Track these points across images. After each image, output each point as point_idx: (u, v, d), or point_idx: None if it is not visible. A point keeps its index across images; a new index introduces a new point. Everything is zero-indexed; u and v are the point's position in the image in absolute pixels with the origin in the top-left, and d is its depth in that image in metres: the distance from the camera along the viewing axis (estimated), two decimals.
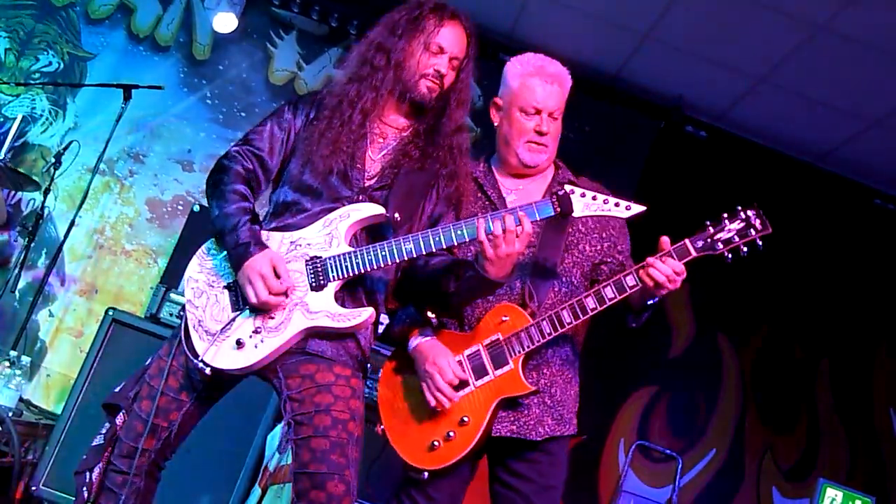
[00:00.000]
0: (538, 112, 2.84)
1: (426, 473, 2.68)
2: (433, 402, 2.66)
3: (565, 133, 6.00)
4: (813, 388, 6.14)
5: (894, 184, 6.20)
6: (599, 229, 2.92)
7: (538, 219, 2.50)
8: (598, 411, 5.94)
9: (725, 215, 2.62)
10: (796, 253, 6.11)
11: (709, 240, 2.60)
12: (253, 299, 2.43)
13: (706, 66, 5.65)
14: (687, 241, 2.62)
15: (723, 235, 2.59)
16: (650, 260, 2.59)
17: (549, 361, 2.81)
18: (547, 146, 2.88)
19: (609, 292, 2.65)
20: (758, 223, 2.60)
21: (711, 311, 6.14)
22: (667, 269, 2.59)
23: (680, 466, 5.85)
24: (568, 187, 2.49)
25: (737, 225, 2.60)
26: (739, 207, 2.62)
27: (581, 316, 2.66)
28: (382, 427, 2.76)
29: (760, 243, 2.60)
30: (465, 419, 2.67)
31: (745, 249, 2.60)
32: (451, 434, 2.67)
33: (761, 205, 6.06)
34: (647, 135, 6.21)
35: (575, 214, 2.47)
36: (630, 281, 2.64)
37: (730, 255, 2.60)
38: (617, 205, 2.48)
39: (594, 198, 2.47)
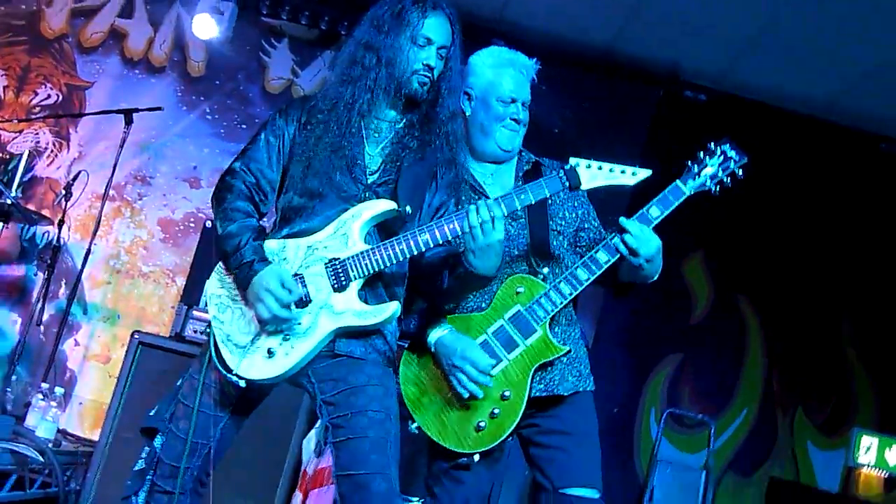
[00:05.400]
0: (514, 101, 2.92)
1: (476, 456, 2.71)
2: (467, 394, 2.69)
3: (563, 110, 6.09)
4: (838, 339, 6.14)
5: None
6: (571, 199, 3.01)
7: (548, 195, 2.54)
8: (625, 384, 5.98)
9: (702, 153, 2.72)
10: (808, 207, 6.11)
11: (697, 177, 2.70)
12: (265, 315, 2.45)
13: (699, 29, 5.64)
14: (677, 181, 2.72)
15: (708, 171, 2.70)
16: (621, 223, 2.66)
17: (558, 322, 2.86)
18: (518, 133, 2.96)
19: (618, 241, 2.71)
20: (735, 154, 2.72)
21: (729, 274, 6.15)
22: (635, 230, 2.64)
23: (713, 430, 5.87)
24: (573, 160, 2.52)
25: (717, 160, 2.71)
26: (713, 144, 2.73)
27: (595, 271, 2.73)
28: (416, 425, 2.76)
29: (741, 172, 2.71)
30: (507, 394, 2.71)
31: (728, 180, 2.71)
32: (496, 411, 2.71)
33: (769, 162, 6.07)
34: (647, 104, 6.20)
35: (584, 187, 2.51)
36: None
37: (717, 189, 2.71)
38: (623, 172, 2.52)
39: (600, 168, 2.51)
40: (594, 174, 2.51)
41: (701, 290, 6.18)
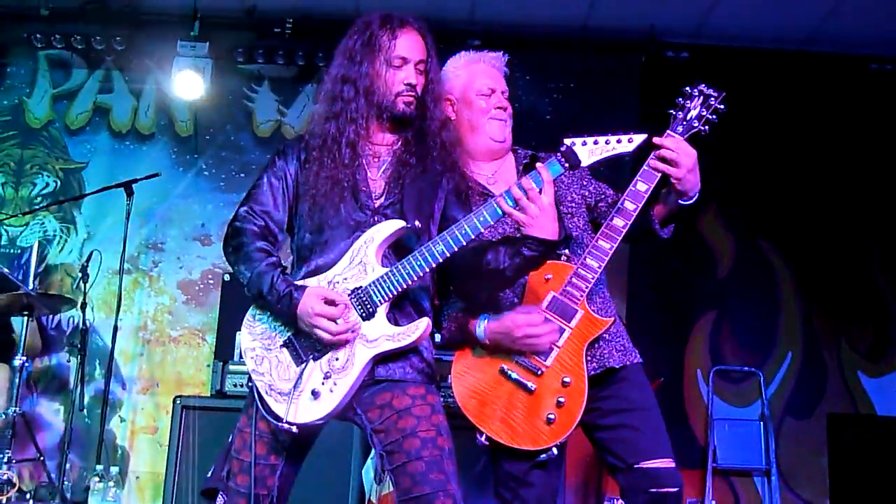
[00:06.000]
0: (493, 91, 2.98)
1: (555, 449, 2.71)
2: (550, 348, 2.71)
3: (552, 96, 6.09)
4: (867, 265, 6.11)
5: (883, 45, 6.12)
6: (577, 179, 3.04)
7: (551, 179, 2.54)
8: (666, 351, 5.96)
9: (680, 99, 2.79)
10: (811, 142, 6.08)
11: (684, 122, 2.76)
12: (327, 338, 2.48)
13: None
14: (668, 131, 2.75)
15: (693, 114, 2.75)
16: (656, 142, 2.70)
17: (593, 300, 2.88)
18: (506, 122, 3.01)
19: (629, 204, 2.74)
20: (711, 91, 2.76)
21: (747, 223, 6.13)
22: (672, 143, 2.70)
23: (762, 379, 5.86)
24: (568, 140, 2.53)
25: (697, 101, 2.76)
26: (687, 88, 2.79)
27: (616, 237, 2.75)
28: (485, 435, 2.74)
29: (723, 106, 2.75)
30: (567, 379, 2.72)
31: (714, 118, 2.76)
32: (562, 399, 2.71)
33: (764, 105, 6.04)
34: (632, 72, 6.20)
35: (584, 164, 2.52)
36: (641, 186, 2.75)
37: (706, 128, 2.76)
38: (619, 141, 2.53)
39: (595, 142, 2.52)
40: (591, 150, 2.51)
41: (721, 243, 6.16)
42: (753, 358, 5.98)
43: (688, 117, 2.75)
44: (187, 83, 5.87)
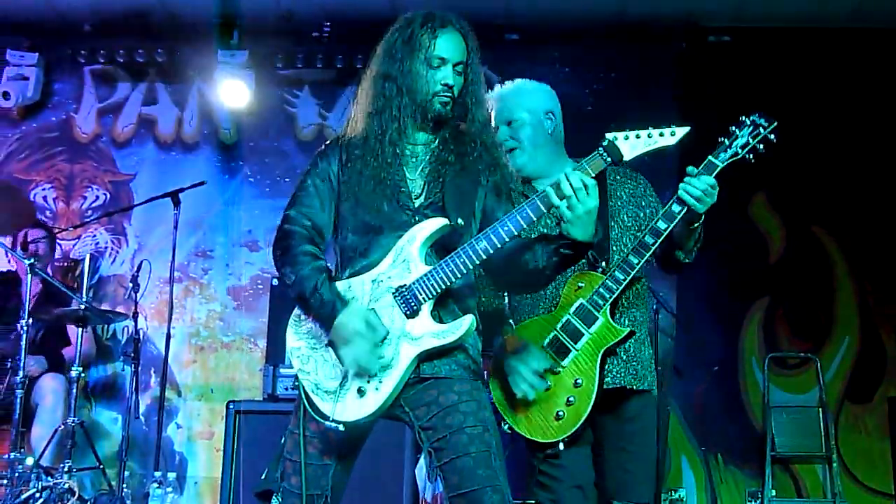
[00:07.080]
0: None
1: (562, 444, 2.87)
2: (521, 394, 2.86)
3: (593, 86, 6.04)
4: None
5: None
6: (637, 199, 3.13)
7: (593, 174, 2.52)
8: (719, 339, 5.91)
9: (733, 127, 2.81)
10: (857, 121, 5.96)
11: (728, 149, 2.80)
12: (349, 359, 2.48)
13: None
14: (710, 157, 2.81)
15: (740, 142, 2.79)
16: (687, 179, 2.79)
17: (628, 311, 3.04)
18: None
19: (662, 224, 2.85)
20: (763, 122, 2.79)
21: (797, 207, 6.03)
22: (702, 184, 2.76)
23: (819, 365, 5.75)
24: (609, 135, 2.50)
25: (747, 130, 2.79)
26: (743, 117, 2.81)
27: (645, 253, 2.86)
28: (508, 425, 2.93)
29: (773, 136, 2.78)
30: (579, 381, 2.88)
31: (761, 147, 2.79)
32: (571, 399, 2.87)
33: (810, 86, 5.92)
34: (674, 60, 6.14)
35: (626, 158, 2.50)
36: (675, 208, 2.83)
37: (751, 156, 2.79)
38: (661, 134, 2.51)
39: (637, 136, 2.50)
40: (633, 144, 2.50)
41: (773, 229, 6.07)
42: (808, 343, 5.88)
43: (733, 144, 2.79)
44: (232, 92, 5.94)
